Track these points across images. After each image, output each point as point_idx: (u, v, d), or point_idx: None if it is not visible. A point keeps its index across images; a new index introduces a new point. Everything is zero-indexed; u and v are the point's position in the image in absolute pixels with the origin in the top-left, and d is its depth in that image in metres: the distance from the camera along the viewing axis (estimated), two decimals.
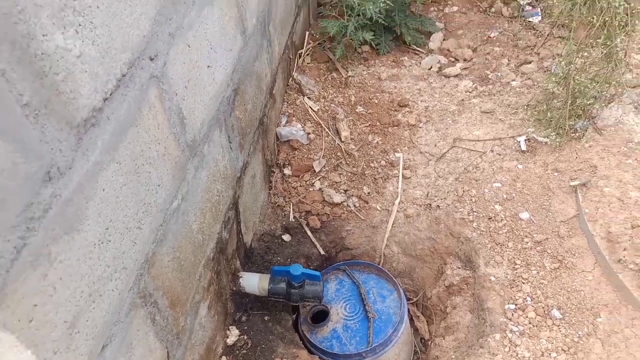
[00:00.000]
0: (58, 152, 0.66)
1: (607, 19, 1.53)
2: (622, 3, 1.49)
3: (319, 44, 2.28)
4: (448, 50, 2.39)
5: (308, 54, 2.26)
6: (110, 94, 0.77)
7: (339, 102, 2.08)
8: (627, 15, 1.56)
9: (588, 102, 1.64)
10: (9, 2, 0.56)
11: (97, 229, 0.76)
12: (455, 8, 2.61)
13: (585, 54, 1.62)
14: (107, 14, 0.74)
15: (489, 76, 2.16)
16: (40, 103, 0.62)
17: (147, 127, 0.89)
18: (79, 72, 0.69)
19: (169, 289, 1.04)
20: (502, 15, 2.56)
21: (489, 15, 2.57)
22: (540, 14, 2.49)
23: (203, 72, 1.12)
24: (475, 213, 1.66)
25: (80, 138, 0.70)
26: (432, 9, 2.62)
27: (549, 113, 1.73)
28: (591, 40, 1.60)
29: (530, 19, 2.50)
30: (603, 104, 1.73)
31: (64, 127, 0.67)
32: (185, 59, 1.03)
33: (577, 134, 1.69)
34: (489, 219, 1.63)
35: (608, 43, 1.56)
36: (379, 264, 1.84)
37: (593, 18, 1.56)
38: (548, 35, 2.29)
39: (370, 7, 1.82)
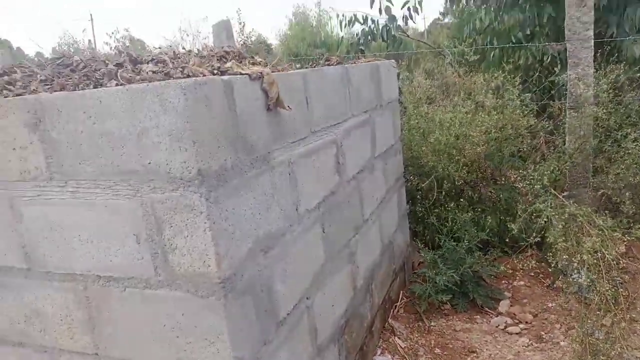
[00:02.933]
0: None
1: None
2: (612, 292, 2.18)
3: (410, 299, 3.14)
4: (513, 313, 3.05)
5: (401, 307, 3.11)
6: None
7: (421, 343, 2.79)
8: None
9: None
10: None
11: None
12: (522, 282, 3.37)
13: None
14: None
15: (543, 336, 2.74)
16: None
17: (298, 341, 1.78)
18: None
19: None
20: (562, 289, 3.23)
21: (550, 289, 3.26)
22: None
23: (329, 309, 2.04)
24: None
25: None
26: (503, 281, 3.41)
27: None
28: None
29: (586, 295, 3.12)
30: None
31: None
32: (323, 303, 1.97)
33: None
34: None
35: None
36: None
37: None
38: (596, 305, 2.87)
39: (439, 279, 2.72)
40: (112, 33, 14.92)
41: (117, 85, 1.32)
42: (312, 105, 1.84)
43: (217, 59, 2.09)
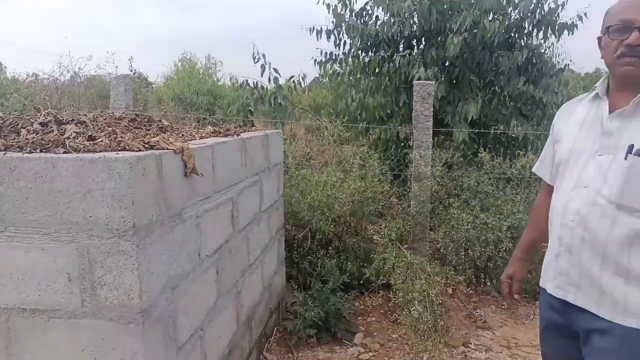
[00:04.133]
0: None
1: None
2: None
3: (282, 335, 3.61)
4: (365, 344, 3.70)
5: (275, 341, 3.56)
6: None
7: None
8: None
9: None
10: None
11: None
12: (373, 318, 4.06)
13: None
14: None
15: None
16: None
17: None
18: None
19: None
20: (402, 324, 3.99)
21: (395, 323, 4.00)
22: None
23: (217, 339, 2.43)
24: None
25: None
26: (359, 317, 4.07)
27: None
28: None
29: (417, 326, 3.91)
30: None
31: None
32: (213, 333, 2.35)
33: None
34: None
35: None
36: None
37: None
38: (422, 332, 3.64)
39: (308, 314, 3.26)
40: None
41: (64, 152, 1.65)
42: (217, 170, 2.31)
43: (129, 120, 2.48)
